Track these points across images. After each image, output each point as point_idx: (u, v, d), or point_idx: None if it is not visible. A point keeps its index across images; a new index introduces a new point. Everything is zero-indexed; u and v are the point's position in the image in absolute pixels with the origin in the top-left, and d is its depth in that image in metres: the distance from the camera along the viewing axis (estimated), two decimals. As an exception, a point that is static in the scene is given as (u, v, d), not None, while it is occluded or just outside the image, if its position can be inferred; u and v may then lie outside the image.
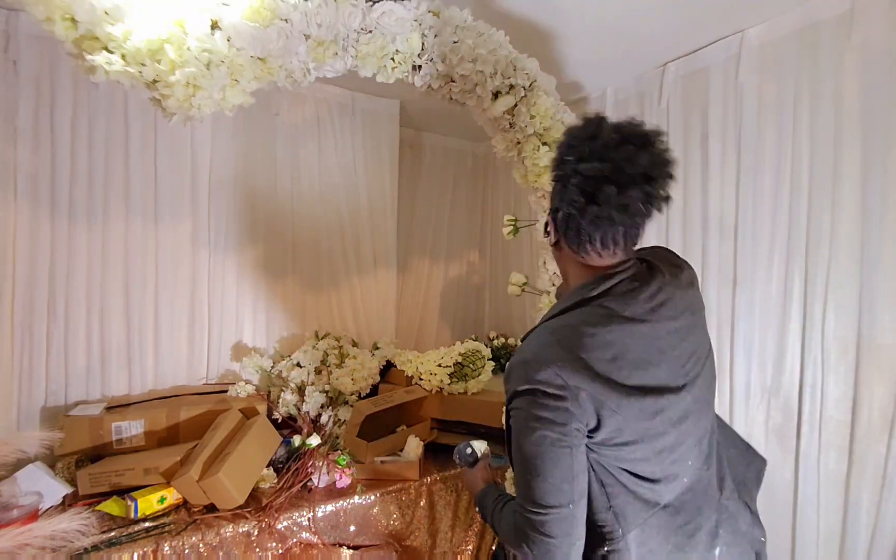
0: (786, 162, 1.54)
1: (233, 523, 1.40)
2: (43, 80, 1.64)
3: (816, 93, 1.47)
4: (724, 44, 1.68)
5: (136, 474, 1.46)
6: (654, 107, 1.94)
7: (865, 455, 1.38)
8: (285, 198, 2.22)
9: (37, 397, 1.68)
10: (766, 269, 1.60)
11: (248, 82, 1.12)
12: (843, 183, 1.42)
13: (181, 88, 1.02)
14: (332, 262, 2.36)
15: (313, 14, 1.13)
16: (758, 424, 1.63)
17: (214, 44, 1.03)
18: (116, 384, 1.85)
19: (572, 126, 0.87)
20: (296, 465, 1.64)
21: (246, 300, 2.15)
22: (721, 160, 1.72)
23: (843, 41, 1.41)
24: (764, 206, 1.60)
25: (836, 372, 1.45)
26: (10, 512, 1.26)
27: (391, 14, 1.20)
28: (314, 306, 2.32)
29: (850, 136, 1.40)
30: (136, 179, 1.85)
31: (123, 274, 1.85)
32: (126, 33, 0.97)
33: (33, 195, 1.65)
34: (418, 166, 2.85)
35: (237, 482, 1.45)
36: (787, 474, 1.56)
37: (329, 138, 2.30)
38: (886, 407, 1.34)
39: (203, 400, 1.83)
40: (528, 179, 1.57)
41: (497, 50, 1.40)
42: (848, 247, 1.41)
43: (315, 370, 2.00)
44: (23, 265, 1.64)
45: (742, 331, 1.66)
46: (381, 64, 1.29)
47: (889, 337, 1.34)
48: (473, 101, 1.45)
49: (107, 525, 1.33)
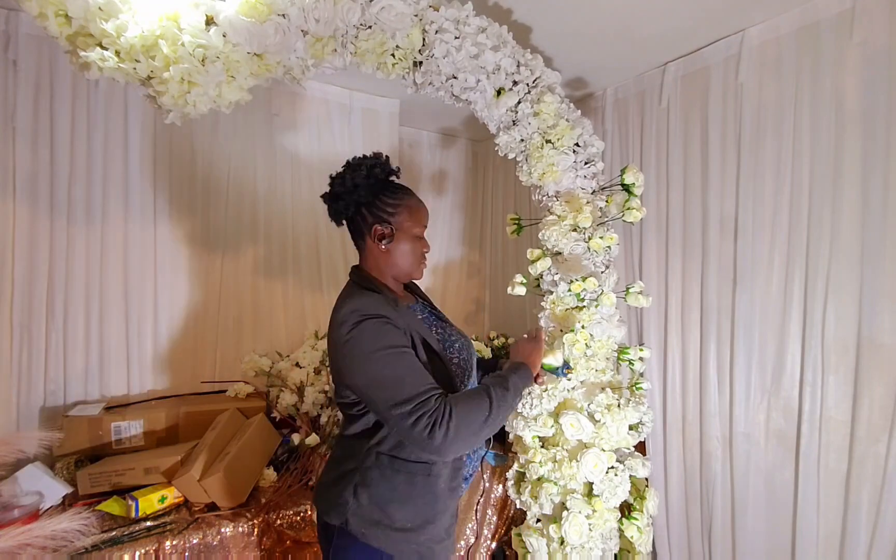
0: (786, 161, 1.54)
1: (233, 522, 1.40)
2: (42, 80, 1.64)
3: (817, 92, 1.47)
4: (724, 44, 1.68)
5: (136, 474, 1.46)
6: (655, 107, 1.94)
7: (865, 455, 1.38)
8: (285, 198, 2.22)
9: (36, 397, 1.67)
10: (767, 269, 1.60)
11: (244, 79, 1.11)
12: (843, 183, 1.41)
13: (176, 85, 1.01)
14: (332, 262, 2.35)
15: (311, 9, 1.11)
16: (758, 424, 1.63)
17: (209, 39, 1.02)
18: (115, 384, 1.84)
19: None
20: (295, 465, 1.64)
21: (245, 300, 2.15)
22: (721, 160, 1.72)
23: (844, 40, 1.40)
24: (764, 205, 1.60)
25: (836, 372, 1.44)
26: (10, 512, 1.26)
27: (391, 9, 1.18)
28: (314, 306, 2.32)
29: (851, 135, 1.40)
30: (135, 179, 1.85)
31: (122, 274, 1.84)
32: (120, 29, 0.96)
33: (32, 195, 1.65)
34: (418, 165, 2.85)
35: (238, 481, 1.45)
36: (787, 474, 1.56)
37: (329, 138, 2.30)
38: (886, 407, 1.34)
39: (202, 400, 1.83)
40: (532, 178, 1.57)
41: (500, 46, 1.39)
42: (848, 247, 1.41)
43: (315, 370, 2.00)
44: (21, 265, 1.63)
45: (742, 331, 1.66)
46: (381, 60, 1.28)
47: (889, 337, 1.34)
48: (475, 99, 1.45)
49: (107, 525, 1.33)
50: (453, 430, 0.91)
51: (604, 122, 2.15)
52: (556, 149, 1.51)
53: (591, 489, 1.46)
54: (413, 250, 1.16)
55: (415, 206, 1.17)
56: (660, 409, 1.92)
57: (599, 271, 1.56)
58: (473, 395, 1.00)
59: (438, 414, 0.91)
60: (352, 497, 1.02)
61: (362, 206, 1.13)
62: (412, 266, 1.17)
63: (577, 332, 1.45)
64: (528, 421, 1.50)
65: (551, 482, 1.46)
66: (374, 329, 0.98)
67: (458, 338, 1.20)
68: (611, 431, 1.44)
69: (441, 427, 0.90)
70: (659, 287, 1.94)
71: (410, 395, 0.93)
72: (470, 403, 0.97)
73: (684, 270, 1.86)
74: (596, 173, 1.62)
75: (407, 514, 1.03)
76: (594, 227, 1.55)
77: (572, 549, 1.41)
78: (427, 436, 0.90)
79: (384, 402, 0.95)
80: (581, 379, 1.51)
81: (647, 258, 1.98)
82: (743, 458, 1.67)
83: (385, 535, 1.01)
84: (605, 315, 1.51)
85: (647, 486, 1.57)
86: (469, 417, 0.95)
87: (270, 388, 1.98)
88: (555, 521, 1.44)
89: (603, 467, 1.42)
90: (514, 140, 1.52)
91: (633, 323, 2.04)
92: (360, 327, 0.98)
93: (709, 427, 1.76)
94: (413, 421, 0.91)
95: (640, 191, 1.55)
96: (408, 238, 1.14)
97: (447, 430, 0.91)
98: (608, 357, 1.54)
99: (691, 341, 1.83)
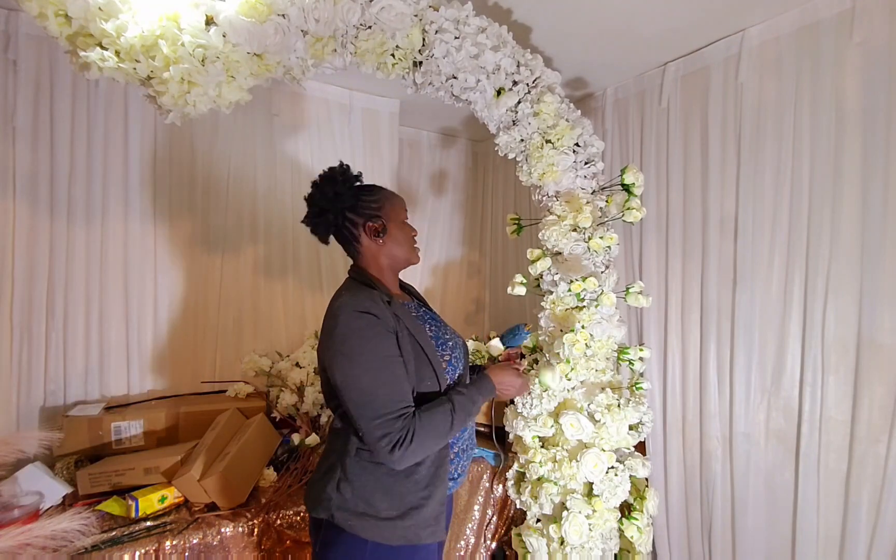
0: (786, 161, 1.54)
1: (233, 522, 1.40)
2: (42, 80, 1.64)
3: (817, 92, 1.47)
4: (724, 44, 1.68)
5: (136, 474, 1.46)
6: (655, 107, 1.94)
7: (865, 455, 1.38)
8: (285, 198, 2.22)
9: (36, 397, 1.67)
10: (767, 269, 1.60)
11: (244, 79, 1.11)
12: (843, 183, 1.41)
13: (176, 85, 1.01)
14: (332, 262, 2.35)
15: (311, 9, 1.12)
16: (758, 425, 1.63)
17: (209, 39, 1.02)
18: (115, 384, 1.84)
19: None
20: (295, 465, 1.64)
21: (245, 300, 2.15)
22: (721, 160, 1.72)
23: (844, 39, 1.40)
24: (764, 205, 1.60)
25: (836, 372, 1.44)
26: (10, 512, 1.26)
27: (391, 9, 1.19)
28: (314, 306, 2.32)
29: (851, 135, 1.40)
30: (135, 179, 1.85)
31: (122, 274, 1.84)
32: (120, 29, 0.96)
33: (32, 195, 1.65)
34: (418, 165, 2.85)
35: (238, 481, 1.45)
36: (787, 474, 1.56)
37: (329, 138, 2.30)
38: (886, 407, 1.34)
39: (202, 400, 1.83)
40: (532, 178, 1.57)
41: (500, 46, 1.39)
42: (848, 247, 1.41)
43: (315, 370, 1.99)
44: (21, 265, 1.63)
45: (742, 331, 1.66)
46: (381, 60, 1.28)
47: (889, 337, 1.34)
48: (475, 98, 1.45)
49: (107, 525, 1.33)
50: (412, 451, 0.99)
51: (604, 122, 2.15)
52: (556, 149, 1.51)
53: (591, 489, 1.46)
54: (405, 237, 1.21)
55: (391, 196, 1.23)
56: (660, 409, 1.92)
57: (599, 271, 1.56)
58: (438, 413, 1.05)
59: (402, 435, 0.98)
60: (335, 491, 1.05)
61: (348, 211, 1.16)
62: (408, 251, 1.22)
63: (577, 332, 1.45)
64: (528, 421, 1.50)
65: (551, 482, 1.46)
66: (362, 330, 1.01)
67: (451, 338, 1.23)
68: (611, 431, 1.44)
69: (401, 448, 0.98)
70: (659, 287, 1.94)
71: (380, 412, 0.98)
72: (433, 421, 1.03)
73: (684, 270, 1.86)
74: (596, 173, 1.62)
75: (392, 503, 1.05)
76: (594, 227, 1.55)
77: (572, 549, 1.41)
78: (387, 452, 0.98)
79: (355, 407, 1.00)
80: (581, 379, 1.51)
81: (647, 258, 1.98)
82: (743, 458, 1.67)
83: (372, 524, 1.03)
84: (605, 315, 1.51)
85: (647, 486, 1.57)
86: (429, 438, 1.02)
87: (270, 388, 1.98)
88: (555, 521, 1.44)
89: (603, 467, 1.42)
90: (514, 140, 1.52)
91: (633, 323, 2.04)
92: (349, 325, 1.01)
93: (709, 427, 1.76)
94: (378, 436, 0.98)
95: (640, 191, 1.55)
96: (398, 226, 1.20)
97: (406, 449, 0.98)
98: (608, 357, 1.54)
99: (691, 341, 1.83)
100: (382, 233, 1.16)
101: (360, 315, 1.02)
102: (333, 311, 1.06)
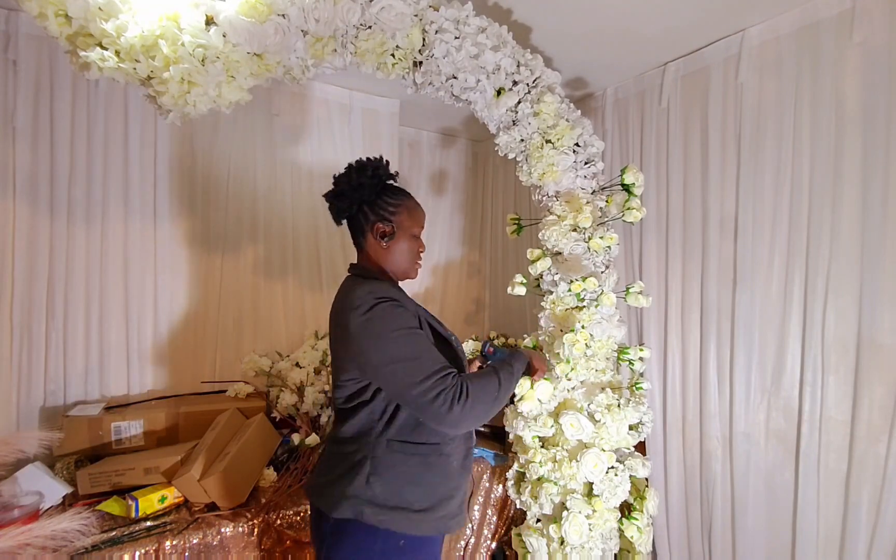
0: (786, 161, 1.54)
1: (233, 522, 1.40)
2: (42, 80, 1.64)
3: (817, 92, 1.47)
4: (724, 44, 1.68)
5: (136, 474, 1.46)
6: (655, 107, 1.94)
7: (865, 455, 1.38)
8: (285, 198, 2.22)
9: (36, 397, 1.67)
10: (767, 269, 1.60)
11: (244, 79, 1.11)
12: (843, 183, 1.41)
13: (176, 85, 1.01)
14: (332, 262, 2.35)
15: (311, 9, 1.12)
16: (758, 425, 1.63)
17: (209, 39, 1.02)
18: (115, 384, 1.84)
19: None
20: (295, 465, 1.64)
21: (245, 300, 2.15)
22: (721, 160, 1.72)
23: (844, 40, 1.40)
24: (764, 205, 1.60)
25: (836, 372, 1.44)
26: (10, 512, 1.26)
27: (391, 9, 1.19)
28: (314, 306, 2.32)
29: (851, 135, 1.40)
30: (135, 179, 1.85)
31: (122, 274, 1.84)
32: (120, 29, 0.96)
33: (32, 195, 1.65)
34: (418, 165, 2.85)
35: (238, 481, 1.45)
36: (787, 474, 1.56)
37: (329, 138, 2.30)
38: (886, 407, 1.34)
39: (202, 400, 1.83)
40: (532, 178, 1.57)
41: (500, 46, 1.39)
42: (848, 247, 1.41)
43: (315, 370, 2.00)
44: (21, 265, 1.63)
45: (742, 331, 1.66)
46: (381, 60, 1.28)
47: (889, 337, 1.34)
48: (475, 98, 1.45)
49: (107, 525, 1.33)
50: (469, 405, 0.98)
51: (604, 122, 2.15)
52: (556, 149, 1.51)
53: (591, 489, 1.47)
54: (410, 249, 1.20)
55: (413, 207, 1.22)
56: (660, 409, 1.92)
57: (599, 271, 1.56)
58: (483, 375, 1.08)
59: (456, 390, 0.98)
60: (364, 487, 1.03)
61: (365, 205, 1.16)
62: (409, 264, 1.21)
63: (577, 332, 1.45)
64: (528, 421, 1.50)
65: (551, 482, 1.46)
66: (388, 310, 1.02)
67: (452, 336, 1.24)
68: (611, 431, 1.44)
69: (459, 402, 0.97)
70: (659, 287, 1.94)
71: (430, 372, 0.98)
72: (482, 381, 1.05)
73: (684, 270, 1.86)
74: (596, 173, 1.62)
75: (425, 494, 1.06)
76: (594, 227, 1.55)
77: (572, 549, 1.41)
78: (447, 410, 0.96)
79: (403, 380, 0.99)
80: (581, 379, 1.51)
81: (647, 258, 1.98)
82: (743, 458, 1.67)
83: (405, 517, 1.03)
84: (605, 315, 1.52)
85: (647, 486, 1.57)
86: (482, 394, 1.02)
87: (270, 388, 1.99)
88: (555, 521, 1.44)
89: (603, 467, 1.43)
90: (514, 140, 1.52)
91: (633, 323, 2.04)
92: (374, 309, 1.01)
93: (709, 427, 1.76)
94: (433, 396, 0.96)
95: (640, 191, 1.55)
96: (407, 237, 1.19)
97: (464, 404, 0.97)
98: (608, 357, 1.54)
99: (691, 341, 1.83)
100: (389, 237, 1.16)
101: (379, 300, 1.03)
102: (354, 303, 1.03)
